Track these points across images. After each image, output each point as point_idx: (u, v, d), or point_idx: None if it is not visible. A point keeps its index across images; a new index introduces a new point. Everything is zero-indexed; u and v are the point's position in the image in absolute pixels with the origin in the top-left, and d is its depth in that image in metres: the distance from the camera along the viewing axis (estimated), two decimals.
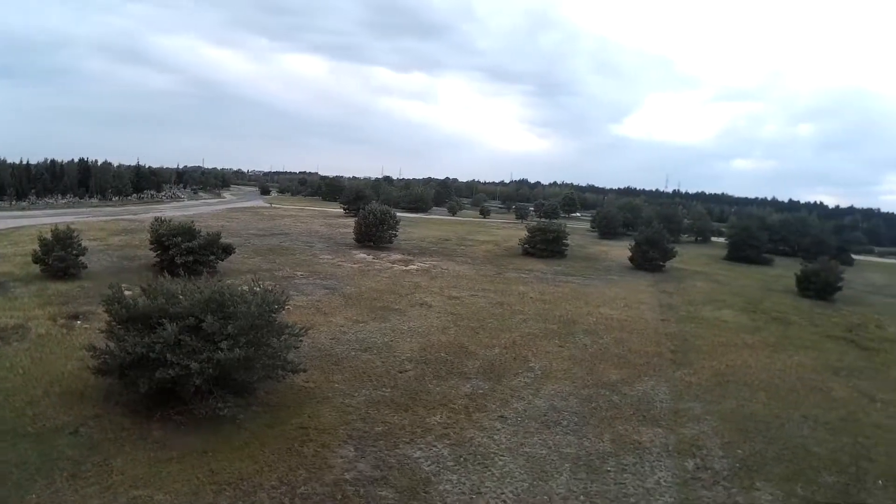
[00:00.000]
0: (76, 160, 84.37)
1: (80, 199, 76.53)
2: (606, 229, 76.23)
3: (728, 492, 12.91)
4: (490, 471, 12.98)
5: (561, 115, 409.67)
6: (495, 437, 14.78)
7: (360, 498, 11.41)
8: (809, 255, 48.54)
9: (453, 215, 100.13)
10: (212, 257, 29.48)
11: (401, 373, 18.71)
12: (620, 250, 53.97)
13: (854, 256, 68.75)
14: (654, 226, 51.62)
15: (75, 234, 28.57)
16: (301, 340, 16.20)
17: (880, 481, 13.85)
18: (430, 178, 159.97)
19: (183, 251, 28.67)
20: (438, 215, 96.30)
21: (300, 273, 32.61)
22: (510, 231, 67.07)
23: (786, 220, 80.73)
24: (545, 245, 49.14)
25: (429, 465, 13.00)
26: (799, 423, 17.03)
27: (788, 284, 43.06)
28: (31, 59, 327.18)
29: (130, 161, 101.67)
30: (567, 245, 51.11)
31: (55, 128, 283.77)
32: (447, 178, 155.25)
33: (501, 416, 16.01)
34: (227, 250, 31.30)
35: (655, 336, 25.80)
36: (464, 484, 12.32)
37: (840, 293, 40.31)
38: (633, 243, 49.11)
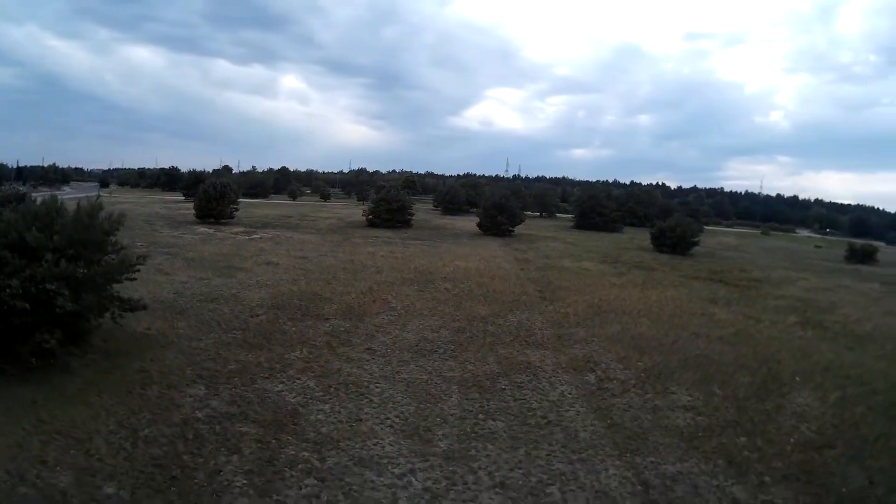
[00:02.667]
0: None
1: None
2: (450, 205, 75.71)
3: (643, 397, 12.08)
4: (367, 398, 11.43)
5: (399, 108, 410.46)
6: (366, 367, 13.22)
7: (216, 435, 9.63)
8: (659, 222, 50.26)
9: (294, 199, 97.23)
10: None
11: (252, 317, 16.79)
12: (467, 223, 54.26)
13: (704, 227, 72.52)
14: (500, 191, 51.63)
15: None
16: (139, 269, 14.04)
17: (797, 378, 13.75)
18: (269, 168, 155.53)
19: None
20: (279, 200, 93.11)
21: (140, 244, 29.04)
22: (352, 210, 65.37)
23: (632, 192, 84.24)
24: (390, 215, 48.16)
25: (294, 398, 11.28)
26: (691, 339, 16.84)
27: (642, 244, 44.92)
28: None
29: None
30: (412, 215, 50.62)
31: None
32: (284, 167, 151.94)
33: (369, 349, 14.48)
34: None
35: (518, 281, 25.38)
36: (339, 413, 10.70)
37: (696, 249, 42.57)
38: (480, 211, 49.41)
